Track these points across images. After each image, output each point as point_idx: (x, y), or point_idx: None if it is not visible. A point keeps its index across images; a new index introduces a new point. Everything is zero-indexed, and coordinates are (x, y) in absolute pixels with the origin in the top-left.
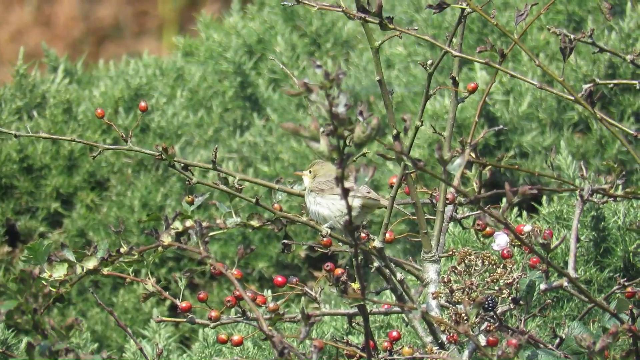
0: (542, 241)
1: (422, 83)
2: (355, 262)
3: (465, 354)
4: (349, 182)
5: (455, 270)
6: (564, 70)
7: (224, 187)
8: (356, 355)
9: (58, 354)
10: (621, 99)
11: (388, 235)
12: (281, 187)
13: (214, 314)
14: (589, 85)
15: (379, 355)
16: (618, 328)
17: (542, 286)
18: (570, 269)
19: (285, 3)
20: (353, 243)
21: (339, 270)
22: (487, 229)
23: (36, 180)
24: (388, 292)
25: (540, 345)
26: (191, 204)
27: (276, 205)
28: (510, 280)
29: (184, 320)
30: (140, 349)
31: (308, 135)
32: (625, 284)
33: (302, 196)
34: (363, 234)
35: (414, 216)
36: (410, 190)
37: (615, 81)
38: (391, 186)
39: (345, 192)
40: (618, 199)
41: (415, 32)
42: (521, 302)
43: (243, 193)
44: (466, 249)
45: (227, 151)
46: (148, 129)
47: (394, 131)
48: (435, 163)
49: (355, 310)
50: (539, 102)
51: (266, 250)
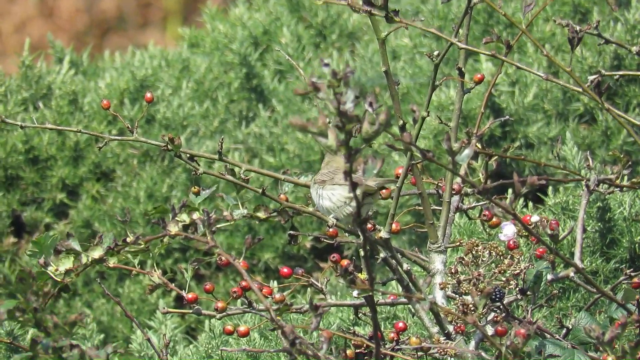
0: (550, 232)
1: (428, 74)
2: (364, 253)
3: (472, 344)
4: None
5: (463, 261)
6: (571, 61)
7: (230, 178)
8: (364, 345)
9: (62, 350)
10: (627, 90)
11: (394, 226)
12: (287, 178)
13: (220, 304)
14: (595, 76)
15: (386, 346)
16: (627, 318)
17: (549, 277)
18: (576, 259)
19: None
20: (360, 234)
21: (345, 261)
22: (494, 220)
23: (42, 171)
24: (394, 283)
25: (547, 336)
26: (197, 194)
27: (282, 196)
28: (518, 271)
29: (190, 311)
30: (148, 339)
31: (316, 130)
32: (632, 274)
33: (308, 187)
34: (369, 225)
35: (419, 207)
36: (416, 181)
37: (621, 72)
38: (397, 177)
39: (354, 185)
40: (624, 189)
41: (421, 25)
42: (528, 293)
43: (249, 184)
44: (474, 240)
45: (233, 142)
46: (154, 120)
47: (400, 122)
48: (441, 153)
49: (361, 301)
50: (544, 93)
51: (272, 241)
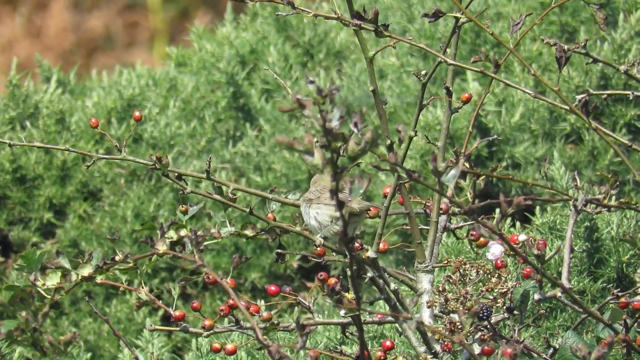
0: (537, 252)
1: (415, 93)
2: (350, 272)
3: None
4: (341, 194)
5: (450, 280)
6: (559, 80)
7: (217, 197)
8: None
9: None
10: (613, 109)
11: (382, 245)
12: (275, 197)
13: (207, 322)
14: (582, 95)
15: None
16: (613, 338)
17: (536, 296)
18: (563, 279)
19: (279, 13)
20: (347, 253)
21: (332, 280)
22: (481, 240)
23: (29, 191)
24: (382, 302)
25: (534, 355)
26: (185, 213)
27: (270, 215)
28: (505, 290)
29: (178, 329)
30: (136, 358)
31: (302, 148)
32: (619, 294)
33: (296, 206)
34: (357, 244)
35: (407, 226)
36: (404, 200)
37: (609, 92)
38: (385, 196)
39: (340, 205)
40: (612, 209)
41: (410, 40)
42: (515, 312)
43: (236, 203)
44: (461, 259)
45: (220, 161)
46: (141, 139)
47: (388, 142)
48: (428, 173)
49: (348, 320)
50: (531, 113)
51: (259, 261)
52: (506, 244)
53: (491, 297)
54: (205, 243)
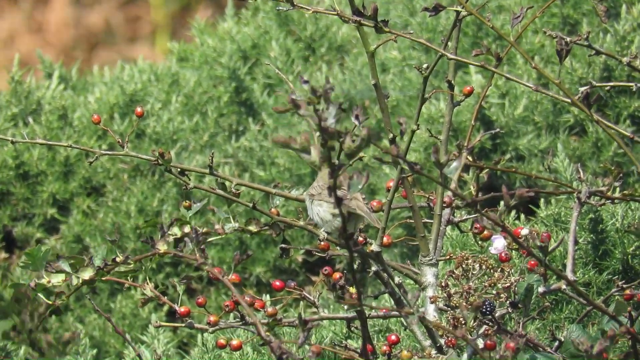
0: (540, 244)
1: (417, 87)
2: (349, 267)
3: (464, 357)
4: (341, 191)
5: (453, 275)
6: (560, 72)
7: (221, 192)
8: (354, 359)
9: None
10: (617, 101)
11: (385, 239)
12: (278, 192)
13: (212, 318)
14: (585, 87)
15: (378, 359)
16: (616, 331)
17: (541, 289)
18: (568, 271)
19: (280, 8)
20: (348, 249)
21: (337, 275)
22: (485, 232)
23: (32, 187)
24: (386, 296)
25: (539, 349)
26: (189, 209)
27: (273, 209)
28: (508, 284)
29: (183, 325)
30: (139, 355)
31: (298, 147)
32: (624, 286)
33: (300, 200)
34: (360, 238)
35: (410, 220)
36: (407, 194)
37: (612, 83)
38: (388, 190)
39: (338, 201)
40: (616, 201)
41: (410, 35)
42: (519, 306)
43: (240, 198)
44: (464, 254)
45: (223, 156)
46: (143, 134)
47: (390, 135)
48: (431, 167)
49: (354, 314)
50: (534, 105)
51: (263, 255)
52: (510, 236)
53: (494, 292)
54: (210, 239)
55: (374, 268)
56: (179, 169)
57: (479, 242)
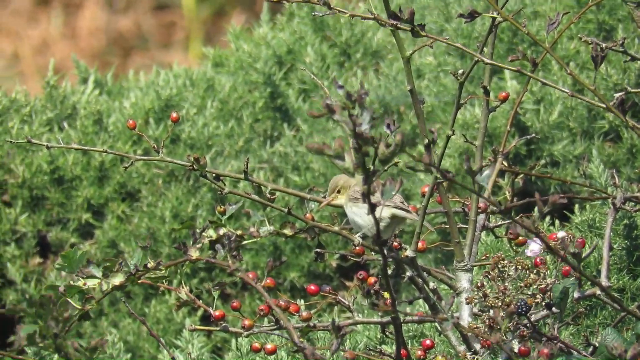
0: (574, 250)
1: (453, 92)
2: (383, 273)
3: None
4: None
5: (489, 275)
6: (595, 78)
7: (256, 197)
8: None
9: None
10: None
11: (420, 244)
12: (313, 197)
13: (247, 322)
14: (620, 93)
15: None
16: None
17: (575, 294)
18: (602, 277)
19: (316, 13)
20: (382, 255)
21: (372, 279)
22: (520, 238)
23: (67, 192)
24: (421, 302)
25: (574, 353)
26: (223, 214)
27: (308, 215)
28: (544, 286)
29: (218, 328)
30: (173, 359)
31: (332, 153)
32: None
33: (335, 206)
34: (395, 243)
35: (445, 225)
36: (442, 199)
37: None
38: (423, 195)
39: (372, 207)
40: None
41: (446, 40)
42: (555, 309)
43: (274, 203)
44: (499, 254)
45: (258, 161)
46: (178, 139)
47: (425, 141)
48: (466, 173)
49: (388, 319)
50: (569, 111)
51: (297, 260)
52: (543, 242)
53: (530, 293)
54: (244, 242)
55: (408, 273)
56: (214, 174)
57: (514, 248)
